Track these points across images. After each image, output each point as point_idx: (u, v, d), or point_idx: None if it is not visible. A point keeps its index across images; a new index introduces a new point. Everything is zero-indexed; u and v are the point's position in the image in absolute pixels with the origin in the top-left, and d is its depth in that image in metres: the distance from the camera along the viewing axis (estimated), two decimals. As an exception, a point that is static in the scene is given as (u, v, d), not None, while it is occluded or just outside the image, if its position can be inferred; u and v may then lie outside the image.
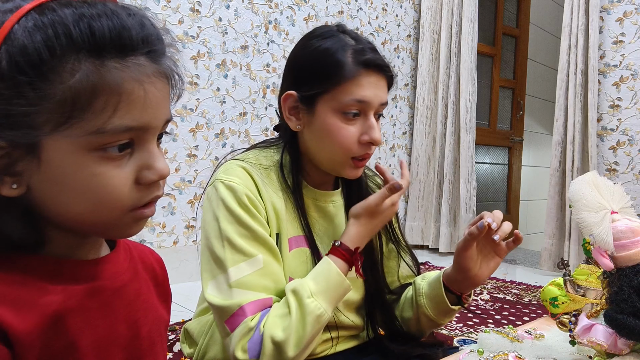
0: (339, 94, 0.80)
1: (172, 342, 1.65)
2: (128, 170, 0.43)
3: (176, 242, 2.41)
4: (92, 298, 0.46)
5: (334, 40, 0.82)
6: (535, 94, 4.73)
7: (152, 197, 0.46)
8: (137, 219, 0.46)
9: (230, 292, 0.76)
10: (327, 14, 3.04)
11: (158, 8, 2.28)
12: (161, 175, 0.45)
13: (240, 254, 0.77)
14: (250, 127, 2.68)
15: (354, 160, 0.84)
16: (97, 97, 0.40)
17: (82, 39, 0.39)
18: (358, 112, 0.81)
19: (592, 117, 2.80)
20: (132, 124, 0.42)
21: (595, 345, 0.52)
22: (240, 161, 0.85)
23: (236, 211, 0.78)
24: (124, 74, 0.41)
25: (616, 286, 0.51)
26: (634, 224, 0.52)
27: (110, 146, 0.41)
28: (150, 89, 0.43)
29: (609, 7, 2.83)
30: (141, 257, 0.57)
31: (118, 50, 0.40)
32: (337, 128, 0.81)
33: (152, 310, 0.54)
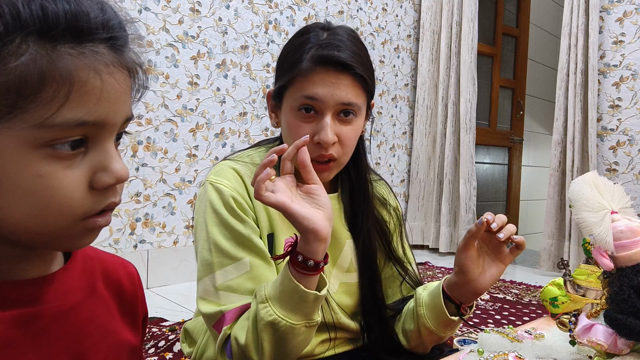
0: (294, 90, 0.78)
1: (172, 342, 1.64)
2: (80, 171, 0.38)
3: (176, 242, 2.41)
4: (23, 327, 0.39)
5: (306, 37, 0.80)
6: (535, 94, 4.73)
7: (107, 203, 0.40)
8: (89, 229, 0.40)
9: (217, 295, 0.75)
10: (327, 14, 3.04)
11: (158, 8, 2.28)
12: (119, 179, 0.39)
13: (226, 257, 0.76)
14: (250, 127, 2.68)
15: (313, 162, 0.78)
16: (46, 85, 0.35)
17: (32, 20, 0.34)
18: (312, 109, 0.78)
19: (592, 117, 2.80)
20: (85, 117, 0.36)
21: (595, 345, 0.52)
22: (232, 161, 0.83)
23: (222, 214, 0.77)
24: (78, 61, 0.36)
25: (616, 286, 0.51)
26: (634, 224, 0.52)
27: (60, 143, 0.36)
28: (108, 80, 0.38)
29: (609, 7, 2.83)
30: (105, 272, 0.50)
31: (73, 35, 0.36)
32: (294, 125, 0.79)
33: (109, 336, 0.47)
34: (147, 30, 2.25)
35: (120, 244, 2.21)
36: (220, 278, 0.75)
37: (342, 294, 0.90)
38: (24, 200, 0.36)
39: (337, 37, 0.80)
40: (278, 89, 0.82)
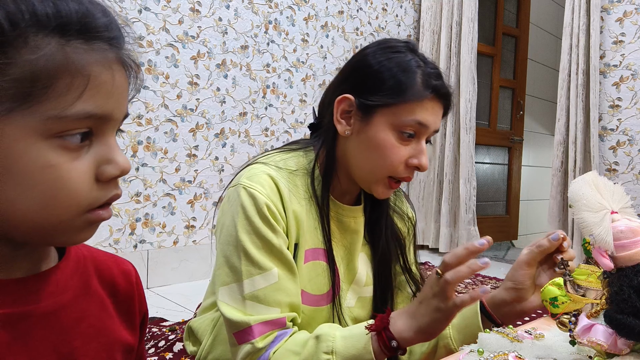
0: (402, 111, 0.78)
1: (172, 342, 1.64)
2: (87, 163, 0.39)
3: (176, 242, 2.41)
4: (9, 328, 0.39)
5: (406, 57, 0.80)
6: (535, 94, 4.73)
7: (110, 196, 0.41)
8: (91, 222, 0.40)
9: (243, 304, 0.74)
10: (327, 14, 3.04)
11: (158, 8, 2.28)
12: (123, 170, 0.40)
13: (255, 267, 0.74)
14: (250, 127, 2.68)
15: (391, 180, 0.81)
16: (61, 77, 0.36)
17: (47, 17, 0.36)
18: (414, 133, 0.79)
19: (593, 117, 2.80)
20: (95, 110, 0.38)
21: (595, 345, 0.52)
22: (266, 165, 0.80)
23: (255, 222, 0.75)
24: (89, 57, 0.38)
25: (616, 286, 0.51)
26: (634, 224, 0.52)
27: (70, 134, 0.37)
28: (115, 76, 0.40)
29: (609, 7, 2.83)
30: (99, 270, 0.49)
31: (83, 32, 0.37)
32: (390, 144, 0.79)
33: (101, 335, 0.47)
34: (147, 30, 2.25)
35: (120, 244, 2.21)
36: (248, 287, 0.74)
37: (358, 309, 0.89)
38: (32, 191, 0.37)
39: (431, 63, 0.82)
40: (373, 102, 0.79)
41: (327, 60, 3.05)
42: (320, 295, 0.82)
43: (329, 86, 0.88)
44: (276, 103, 2.79)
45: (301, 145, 0.89)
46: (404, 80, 0.78)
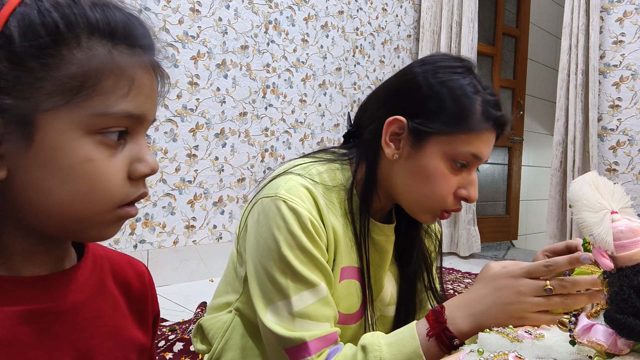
0: (459, 141, 0.74)
1: (172, 342, 1.64)
2: (121, 160, 0.41)
3: (176, 242, 2.41)
4: (30, 324, 0.40)
5: (465, 80, 0.75)
6: (535, 94, 4.73)
7: (140, 193, 0.43)
8: (121, 218, 0.42)
9: (293, 322, 0.71)
10: (327, 14, 3.04)
11: (158, 8, 2.28)
12: (153, 169, 0.43)
13: (302, 283, 0.72)
14: (250, 127, 2.68)
15: (443, 212, 0.78)
16: (108, 78, 0.39)
17: (98, 22, 0.39)
18: (466, 164, 0.76)
19: (592, 117, 2.80)
20: (134, 110, 0.41)
21: (595, 345, 0.52)
22: (303, 178, 0.76)
23: (299, 236, 0.71)
24: (132, 60, 0.41)
25: (616, 286, 0.51)
26: (634, 224, 0.52)
27: (110, 131, 0.40)
28: (152, 81, 0.43)
29: (609, 7, 2.83)
30: (114, 270, 0.51)
31: (126, 38, 0.41)
32: (441, 175, 0.75)
33: (116, 335, 0.48)
34: (147, 30, 2.25)
35: (121, 244, 2.21)
36: (298, 304, 0.71)
37: (378, 327, 0.87)
38: (70, 183, 0.39)
39: (489, 86, 0.78)
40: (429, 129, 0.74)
41: (327, 60, 3.05)
42: (350, 314, 0.81)
43: (373, 98, 0.84)
44: (276, 103, 2.79)
45: (336, 157, 0.84)
46: (463, 108, 0.73)
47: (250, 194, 2.70)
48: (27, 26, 0.37)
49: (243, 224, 0.82)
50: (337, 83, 3.12)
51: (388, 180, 0.80)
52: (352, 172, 0.82)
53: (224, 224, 2.59)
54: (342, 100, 3.16)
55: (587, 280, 0.66)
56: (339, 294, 0.79)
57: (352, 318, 0.81)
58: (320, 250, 0.74)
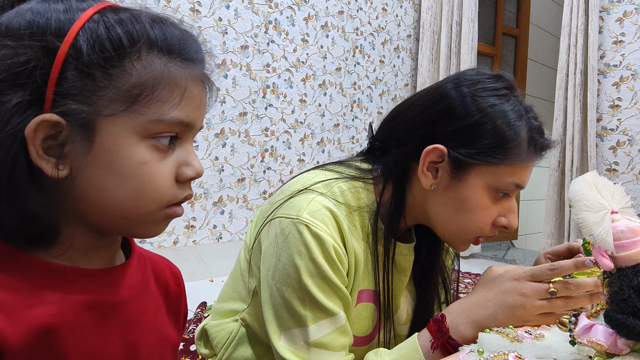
0: (502, 172, 0.70)
1: (172, 342, 1.64)
2: (170, 164, 0.45)
3: (176, 242, 2.40)
4: (88, 312, 0.44)
5: (508, 105, 0.71)
6: (535, 94, 4.73)
7: (186, 194, 0.47)
8: (168, 217, 0.46)
9: (309, 351, 0.68)
10: (327, 14, 3.04)
11: (158, 8, 2.28)
12: (199, 173, 0.46)
13: (321, 311, 0.69)
14: (250, 127, 2.68)
15: (478, 239, 0.75)
16: (164, 88, 0.43)
17: (157, 38, 0.43)
18: (508, 193, 0.73)
19: (591, 117, 2.80)
20: (185, 118, 0.44)
21: (595, 345, 0.52)
22: (326, 198, 0.72)
23: (322, 265, 0.68)
24: (185, 73, 0.45)
25: (616, 286, 0.51)
26: (634, 224, 0.52)
27: (162, 136, 0.43)
28: (202, 92, 0.47)
29: (609, 7, 2.84)
30: (155, 271, 0.55)
31: (181, 53, 0.45)
32: (483, 206, 0.71)
33: (156, 331, 0.51)
34: (147, 30, 2.25)
35: (120, 244, 2.21)
36: (315, 333, 0.68)
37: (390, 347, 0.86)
38: (126, 183, 0.42)
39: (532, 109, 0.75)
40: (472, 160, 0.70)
41: (327, 60, 3.05)
42: (363, 337, 0.79)
43: (403, 116, 0.78)
44: (276, 103, 2.79)
45: (359, 174, 0.79)
46: (509, 139, 0.69)
47: (250, 194, 2.70)
48: (95, 40, 0.41)
49: (255, 235, 0.78)
50: (337, 83, 3.12)
51: (421, 207, 0.77)
52: (376, 193, 0.78)
53: (224, 224, 2.59)
54: (342, 100, 3.16)
55: (591, 283, 0.66)
56: (353, 317, 0.77)
57: (365, 340, 0.80)
58: (342, 277, 0.71)
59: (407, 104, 0.79)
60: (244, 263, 0.85)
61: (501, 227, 0.74)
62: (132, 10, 0.44)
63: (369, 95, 3.33)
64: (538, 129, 0.73)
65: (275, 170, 2.82)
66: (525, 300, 0.67)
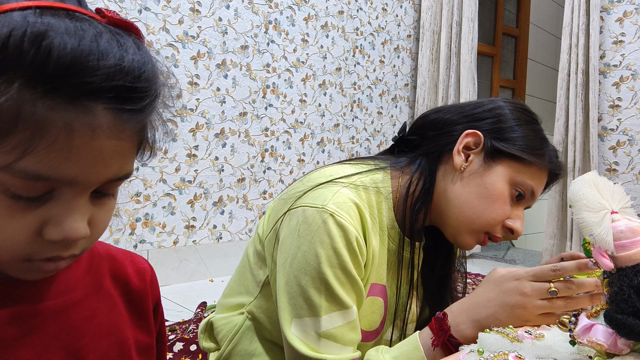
0: (526, 171, 0.77)
1: (172, 343, 1.65)
2: (33, 217, 0.36)
3: (176, 242, 2.41)
4: (17, 325, 0.40)
5: (540, 128, 0.82)
6: (535, 94, 4.73)
7: (53, 255, 0.38)
8: (34, 269, 0.38)
9: (318, 342, 0.69)
10: (327, 14, 3.04)
11: (158, 8, 2.28)
12: (65, 238, 0.37)
13: (336, 303, 0.70)
14: (250, 127, 2.68)
15: (486, 236, 0.79)
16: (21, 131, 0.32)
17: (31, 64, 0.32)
18: (523, 197, 0.78)
19: (593, 117, 2.80)
20: (44, 172, 0.34)
21: (595, 345, 0.52)
22: (351, 191, 0.74)
23: (343, 255, 0.69)
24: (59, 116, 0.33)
25: (616, 286, 0.51)
26: (634, 224, 0.52)
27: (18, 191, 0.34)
28: (87, 142, 0.34)
29: (609, 7, 2.83)
30: (113, 269, 0.50)
31: (70, 88, 0.33)
32: (503, 199, 0.76)
33: (110, 334, 0.47)
34: (147, 30, 2.25)
35: (121, 244, 2.21)
36: (326, 324, 0.69)
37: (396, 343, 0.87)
38: None
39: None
40: (505, 149, 0.77)
41: (327, 60, 3.05)
42: (370, 331, 0.80)
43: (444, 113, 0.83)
44: (276, 103, 2.79)
45: (387, 164, 0.82)
46: (538, 144, 0.78)
47: (250, 194, 2.70)
48: None
49: (271, 226, 0.79)
50: (337, 83, 3.12)
51: (442, 196, 0.79)
52: (400, 184, 0.80)
53: (224, 224, 2.59)
54: (342, 100, 3.16)
55: (592, 283, 0.67)
56: (364, 310, 0.77)
57: (372, 335, 0.80)
58: (360, 271, 0.72)
59: (454, 105, 0.85)
60: (253, 256, 0.86)
61: (508, 229, 0.78)
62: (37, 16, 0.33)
63: (369, 95, 3.33)
64: (555, 152, 0.81)
65: (275, 170, 2.82)
66: (526, 300, 0.67)
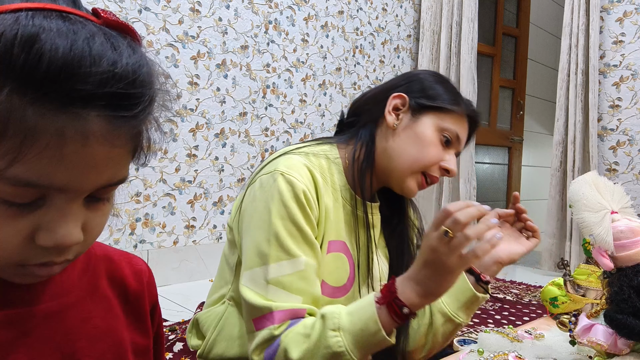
0: (448, 118, 0.87)
1: (172, 342, 1.64)
2: (26, 222, 0.35)
3: (176, 242, 2.41)
4: (10, 328, 0.40)
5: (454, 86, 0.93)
6: (535, 94, 4.73)
7: (45, 260, 0.38)
8: (27, 274, 0.38)
9: (266, 288, 0.74)
10: (327, 13, 3.04)
11: (158, 8, 2.28)
12: (57, 244, 0.36)
13: (284, 252, 0.75)
14: (250, 127, 2.68)
15: (423, 177, 0.87)
16: (12, 137, 0.32)
17: (22, 69, 0.31)
18: (450, 141, 0.88)
19: (592, 117, 2.80)
20: (36, 180, 0.33)
21: (595, 345, 0.52)
22: (302, 157, 0.83)
23: (291, 207, 0.76)
24: (50, 123, 0.32)
25: (616, 286, 0.51)
26: (634, 224, 0.52)
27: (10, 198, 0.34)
28: (78, 149, 0.34)
29: (609, 7, 2.83)
30: (109, 271, 0.50)
31: (61, 95, 0.32)
32: (434, 142, 0.86)
33: (106, 336, 0.47)
34: (147, 30, 2.25)
35: (120, 244, 2.21)
36: (274, 272, 0.74)
37: None
38: None
39: None
40: (430, 103, 0.88)
41: (327, 60, 3.05)
42: (338, 287, 0.84)
43: (371, 92, 0.96)
44: (276, 103, 2.79)
45: (333, 141, 0.93)
46: (453, 96, 0.89)
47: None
48: None
49: (236, 209, 0.86)
50: (337, 83, 3.12)
51: (384, 153, 0.89)
52: (345, 153, 0.91)
53: (224, 224, 2.59)
54: (342, 100, 3.16)
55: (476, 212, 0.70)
56: (327, 266, 0.82)
57: (340, 291, 0.84)
58: (311, 224, 0.78)
59: (376, 87, 0.97)
60: (226, 248, 0.92)
61: (444, 170, 0.87)
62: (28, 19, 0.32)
63: (369, 95, 3.33)
64: (469, 102, 0.93)
65: (276, 170, 2.82)
66: (435, 253, 0.68)
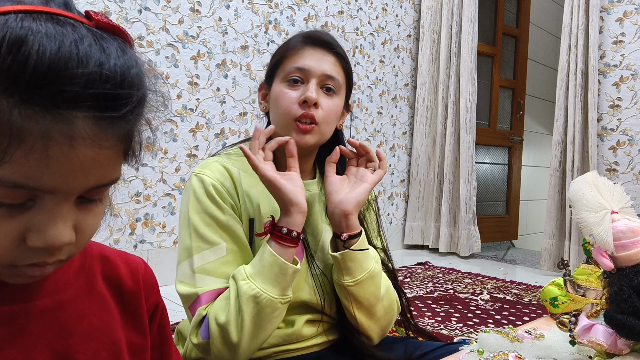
0: (285, 65, 0.90)
1: (172, 342, 1.64)
2: (16, 224, 0.36)
3: (176, 242, 2.41)
4: (4, 325, 0.40)
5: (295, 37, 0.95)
6: (535, 94, 4.73)
7: (36, 261, 0.38)
8: (20, 274, 0.38)
9: (194, 278, 0.81)
10: (327, 13, 3.04)
11: (158, 8, 2.28)
12: (48, 245, 0.36)
13: (204, 242, 0.82)
14: (250, 127, 2.68)
15: (297, 123, 0.88)
16: None
17: (7, 72, 0.31)
18: (300, 79, 0.89)
19: (592, 117, 2.80)
20: (23, 181, 0.34)
21: (595, 345, 0.52)
22: (218, 156, 0.92)
23: (203, 201, 0.83)
24: (35, 125, 0.33)
25: (616, 286, 0.51)
26: (634, 224, 0.52)
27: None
28: (65, 151, 0.34)
29: (609, 7, 2.83)
30: (105, 269, 0.50)
31: (47, 96, 0.32)
32: (282, 93, 0.89)
33: (101, 335, 0.47)
34: (147, 30, 2.25)
35: (120, 244, 2.21)
36: (198, 261, 0.81)
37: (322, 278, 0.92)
38: None
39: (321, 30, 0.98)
40: (270, 70, 0.93)
41: (327, 60, 3.05)
42: None
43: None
44: (276, 103, 2.80)
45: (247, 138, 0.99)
46: (285, 45, 0.93)
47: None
48: None
49: None
50: (337, 83, 3.12)
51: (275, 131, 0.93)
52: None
53: (224, 224, 2.60)
54: (342, 100, 3.16)
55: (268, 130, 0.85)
56: None
57: None
58: (225, 212, 0.84)
59: None
60: None
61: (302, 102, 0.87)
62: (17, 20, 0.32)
63: (369, 95, 3.33)
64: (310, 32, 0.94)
65: (276, 170, 2.82)
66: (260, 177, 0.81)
